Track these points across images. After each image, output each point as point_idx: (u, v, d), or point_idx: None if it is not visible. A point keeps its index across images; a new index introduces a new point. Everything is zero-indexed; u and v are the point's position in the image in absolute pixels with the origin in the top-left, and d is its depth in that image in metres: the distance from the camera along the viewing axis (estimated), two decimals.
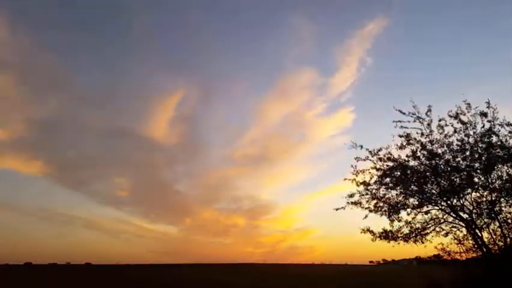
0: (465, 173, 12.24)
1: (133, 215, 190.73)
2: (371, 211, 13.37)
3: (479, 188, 12.29)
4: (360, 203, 13.41)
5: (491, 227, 12.30)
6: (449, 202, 12.73)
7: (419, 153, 12.69)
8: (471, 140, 12.16)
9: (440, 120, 12.47)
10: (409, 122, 12.67)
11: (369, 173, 13.33)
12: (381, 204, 13.31)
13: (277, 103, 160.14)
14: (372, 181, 13.32)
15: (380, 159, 13.17)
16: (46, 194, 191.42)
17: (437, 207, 13.12)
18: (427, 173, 12.73)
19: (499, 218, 12.10)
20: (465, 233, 12.83)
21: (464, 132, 12.20)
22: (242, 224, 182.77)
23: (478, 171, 12.24)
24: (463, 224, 12.72)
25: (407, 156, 12.89)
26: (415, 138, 12.72)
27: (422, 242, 13.13)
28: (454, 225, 13.05)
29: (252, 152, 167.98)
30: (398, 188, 13.12)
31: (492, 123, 11.90)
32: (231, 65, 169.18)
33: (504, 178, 11.99)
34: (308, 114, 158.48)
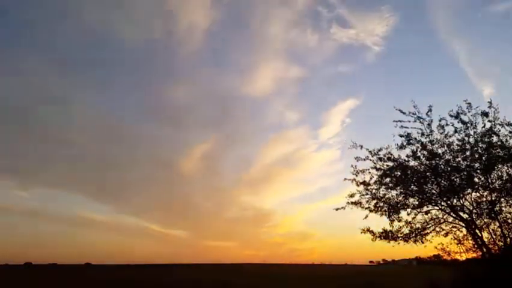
0: (465, 173, 12.22)
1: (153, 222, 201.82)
2: (371, 211, 13.38)
3: (479, 188, 12.29)
4: (360, 203, 13.42)
5: (491, 227, 12.32)
6: (449, 202, 12.73)
7: (419, 153, 12.68)
8: (471, 140, 12.14)
9: (440, 120, 12.46)
10: (409, 121, 12.67)
11: (369, 173, 13.34)
12: (381, 204, 13.30)
13: (278, 144, 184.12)
14: (372, 181, 13.33)
15: (380, 159, 13.17)
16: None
17: (437, 207, 13.13)
18: (427, 173, 12.72)
19: (499, 218, 12.10)
20: (465, 233, 12.85)
21: (464, 132, 12.18)
22: (246, 230, 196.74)
23: (478, 171, 12.22)
24: (463, 224, 12.71)
25: (407, 156, 12.89)
26: (415, 138, 12.71)
27: (422, 242, 13.14)
28: (454, 225, 13.06)
29: (256, 176, 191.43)
30: (398, 188, 13.11)
31: (493, 123, 11.89)
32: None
33: (504, 178, 11.98)
34: (303, 151, 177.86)
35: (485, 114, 11.91)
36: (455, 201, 12.68)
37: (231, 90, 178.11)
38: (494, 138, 11.92)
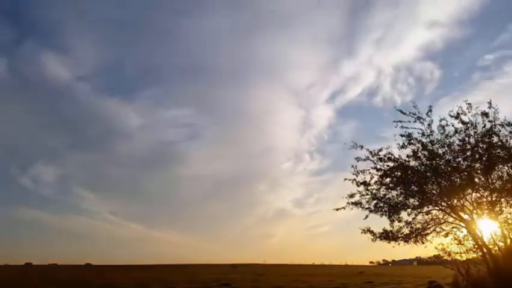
0: (466, 173, 12.23)
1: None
2: (371, 211, 13.39)
3: (480, 188, 12.30)
4: (361, 203, 13.42)
5: (492, 227, 12.31)
6: (449, 202, 12.73)
7: (419, 154, 12.68)
8: (472, 140, 12.15)
9: (441, 120, 12.48)
10: (410, 122, 12.70)
11: (370, 173, 13.33)
12: (382, 204, 13.31)
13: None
14: (372, 181, 13.33)
15: (381, 159, 13.16)
16: None
17: (438, 208, 13.14)
18: (428, 173, 12.72)
19: (499, 218, 12.10)
20: (465, 233, 12.85)
21: (465, 132, 12.19)
22: (250, 233, 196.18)
23: (479, 171, 12.24)
24: (463, 225, 12.72)
25: (407, 156, 12.89)
26: (416, 138, 12.72)
27: (423, 243, 13.17)
28: (455, 225, 13.08)
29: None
30: (399, 188, 13.12)
31: (493, 123, 11.89)
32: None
33: (505, 178, 11.98)
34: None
35: (485, 114, 11.93)
36: (455, 201, 12.70)
37: None
38: (495, 139, 11.93)
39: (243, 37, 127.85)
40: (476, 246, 12.45)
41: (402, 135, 12.78)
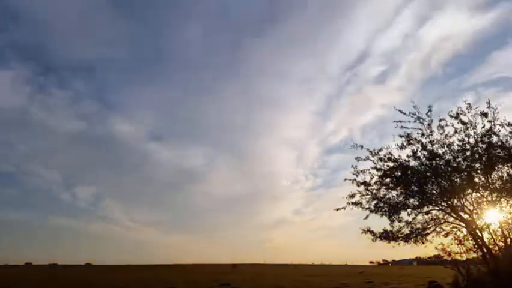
0: (465, 173, 12.23)
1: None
2: (371, 211, 13.38)
3: (480, 188, 12.30)
4: (361, 204, 13.42)
5: (492, 227, 12.31)
6: (449, 202, 12.74)
7: (419, 154, 12.70)
8: (471, 140, 12.17)
9: (440, 121, 12.50)
10: (409, 122, 12.70)
11: (370, 173, 13.34)
12: (382, 204, 13.31)
13: None
14: (372, 181, 13.33)
15: (381, 159, 13.17)
16: None
17: (438, 208, 13.13)
18: (428, 173, 12.72)
19: (499, 218, 12.11)
20: (465, 233, 12.84)
21: (464, 132, 12.20)
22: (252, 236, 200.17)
23: (479, 171, 12.24)
24: (463, 225, 12.72)
25: (407, 156, 12.90)
26: (415, 139, 12.72)
27: (423, 243, 13.15)
28: (455, 225, 13.07)
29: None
30: (399, 188, 13.11)
31: (492, 123, 11.91)
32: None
33: (504, 178, 11.99)
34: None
35: (484, 114, 11.95)
36: (455, 201, 12.70)
37: None
38: (494, 139, 11.95)
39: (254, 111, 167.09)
40: (476, 246, 12.45)
41: (401, 136, 12.80)
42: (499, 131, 11.89)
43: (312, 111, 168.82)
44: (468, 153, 12.24)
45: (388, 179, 13.17)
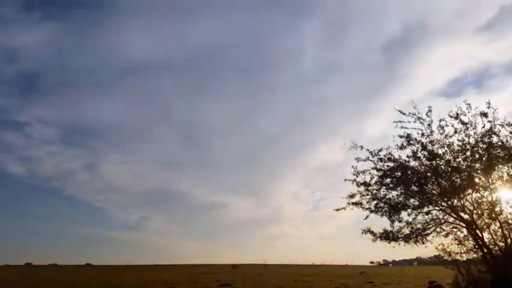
0: (466, 173, 12.24)
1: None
2: (371, 212, 13.40)
3: (480, 188, 12.31)
4: (361, 204, 13.43)
5: (492, 227, 12.32)
6: (449, 202, 12.74)
7: (419, 154, 12.70)
8: (471, 140, 12.18)
9: (440, 121, 12.51)
10: (409, 122, 12.72)
11: (370, 173, 13.34)
12: (382, 204, 13.32)
13: None
14: (372, 182, 13.33)
15: (381, 159, 13.17)
16: None
17: (438, 208, 13.13)
18: (428, 174, 12.73)
19: (499, 218, 12.11)
20: (466, 233, 12.85)
21: (464, 132, 12.22)
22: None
23: (479, 171, 12.25)
24: (464, 225, 12.73)
25: (407, 156, 12.90)
26: (416, 139, 12.74)
27: (423, 243, 13.14)
28: (455, 225, 13.07)
29: None
30: (399, 188, 13.12)
31: (493, 123, 11.93)
32: None
33: (505, 178, 11.99)
34: None
35: (484, 114, 11.96)
36: (455, 201, 12.70)
37: None
38: (495, 139, 11.96)
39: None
40: (476, 246, 12.45)
41: (401, 136, 12.82)
42: (499, 131, 11.92)
43: None
44: (468, 153, 12.25)
45: (388, 179, 13.18)
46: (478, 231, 12.32)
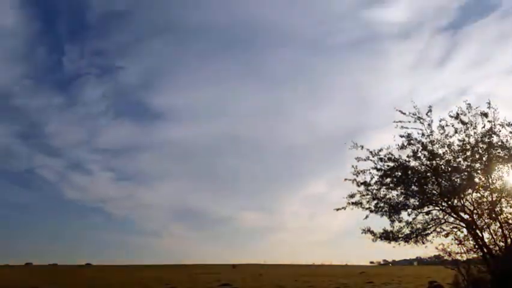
0: (466, 173, 12.25)
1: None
2: (371, 211, 13.40)
3: (480, 188, 12.31)
4: (361, 204, 13.43)
5: (492, 227, 12.32)
6: (449, 202, 12.74)
7: (419, 154, 12.71)
8: (472, 140, 12.18)
9: (440, 121, 12.52)
10: (410, 122, 12.73)
11: (370, 173, 13.35)
12: (382, 204, 13.32)
13: None
14: (372, 181, 13.34)
15: (381, 159, 13.18)
16: None
17: (438, 208, 13.13)
18: (428, 174, 12.74)
19: (499, 218, 12.11)
20: (466, 233, 12.84)
21: (464, 132, 12.23)
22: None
23: (479, 171, 12.25)
24: (464, 225, 12.73)
25: (407, 156, 12.91)
26: (416, 139, 12.75)
27: (423, 243, 13.14)
28: (455, 225, 13.06)
29: None
30: (399, 188, 13.12)
31: (493, 123, 11.93)
32: None
33: (505, 178, 12.01)
34: None
35: (484, 114, 11.96)
36: (455, 201, 12.70)
37: None
38: (495, 139, 11.96)
39: None
40: (476, 247, 12.45)
41: (401, 136, 12.83)
42: (500, 131, 11.93)
43: None
44: (468, 153, 12.26)
45: (388, 179, 13.18)
46: (478, 231, 12.32)
